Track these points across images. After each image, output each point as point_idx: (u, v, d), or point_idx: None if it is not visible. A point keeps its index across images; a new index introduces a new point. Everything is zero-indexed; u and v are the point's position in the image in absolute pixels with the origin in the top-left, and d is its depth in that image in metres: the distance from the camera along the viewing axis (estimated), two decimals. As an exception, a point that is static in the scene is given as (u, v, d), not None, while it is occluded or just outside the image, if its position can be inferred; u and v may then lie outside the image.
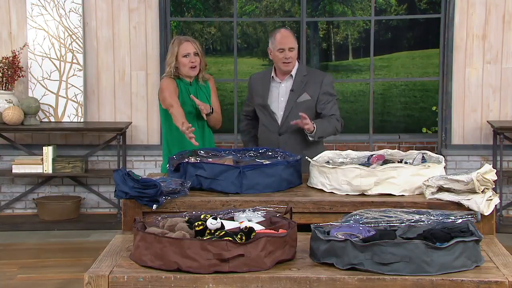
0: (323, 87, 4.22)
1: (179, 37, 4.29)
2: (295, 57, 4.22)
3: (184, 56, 4.23)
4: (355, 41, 9.85)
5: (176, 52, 4.23)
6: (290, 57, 4.17)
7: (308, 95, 4.21)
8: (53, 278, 4.93)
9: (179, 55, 4.23)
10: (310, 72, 4.33)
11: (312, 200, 3.29)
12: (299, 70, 4.26)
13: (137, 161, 6.47)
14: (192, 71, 4.25)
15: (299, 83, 4.23)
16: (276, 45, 4.19)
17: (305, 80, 4.23)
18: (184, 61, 4.23)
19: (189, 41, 4.25)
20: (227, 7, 9.12)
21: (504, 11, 6.32)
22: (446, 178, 3.22)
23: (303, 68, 4.31)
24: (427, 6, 9.29)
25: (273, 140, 4.24)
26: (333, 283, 2.43)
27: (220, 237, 2.51)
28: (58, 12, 6.28)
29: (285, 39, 4.17)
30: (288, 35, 4.19)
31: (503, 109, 6.39)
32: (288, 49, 4.16)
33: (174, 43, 4.27)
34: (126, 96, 6.44)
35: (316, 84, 4.21)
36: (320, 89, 4.21)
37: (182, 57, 4.23)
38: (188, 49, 4.23)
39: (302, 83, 4.22)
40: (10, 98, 6.15)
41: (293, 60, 4.21)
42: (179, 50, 4.22)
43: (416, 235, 2.59)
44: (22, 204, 6.49)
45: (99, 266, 2.56)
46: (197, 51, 4.25)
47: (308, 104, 4.21)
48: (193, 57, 4.23)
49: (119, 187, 3.23)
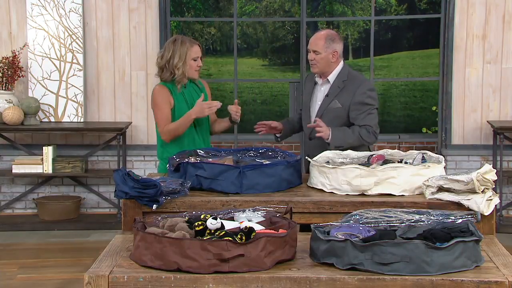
0: (356, 96, 4.03)
1: (183, 39, 4.11)
2: (322, 61, 4.06)
3: (193, 59, 4.09)
4: (355, 41, 9.85)
5: (186, 54, 4.06)
6: (314, 59, 4.06)
7: (339, 103, 4.07)
8: (53, 278, 4.93)
9: (188, 58, 4.07)
10: (351, 77, 4.11)
11: (312, 200, 3.29)
12: (339, 75, 4.10)
13: (137, 161, 6.47)
14: (196, 74, 4.15)
15: (335, 88, 4.08)
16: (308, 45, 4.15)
17: (342, 86, 4.07)
18: (192, 64, 4.09)
19: (197, 43, 4.12)
20: (227, 7, 9.12)
21: (504, 11, 6.32)
22: (446, 178, 3.22)
23: (344, 72, 4.12)
24: (427, 6, 9.29)
25: (305, 144, 4.17)
26: (333, 283, 2.43)
27: (220, 237, 2.51)
28: (58, 12, 6.29)
29: (312, 40, 4.09)
30: (317, 37, 4.07)
31: (503, 109, 6.39)
32: (313, 51, 4.06)
33: (182, 44, 4.08)
34: (126, 96, 6.44)
35: (349, 92, 4.04)
36: (353, 98, 4.03)
37: (191, 59, 4.08)
38: (198, 53, 4.09)
39: (338, 88, 4.07)
40: (10, 98, 6.15)
41: (318, 63, 4.06)
42: (190, 52, 4.06)
43: (416, 235, 2.59)
44: (22, 204, 6.50)
45: (99, 266, 2.56)
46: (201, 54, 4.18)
47: (338, 112, 4.07)
48: (200, 61, 4.12)
49: (119, 187, 3.23)
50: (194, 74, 4.14)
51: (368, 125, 4.01)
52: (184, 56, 4.06)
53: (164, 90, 4.12)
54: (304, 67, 6.58)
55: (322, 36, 4.06)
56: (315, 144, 4.10)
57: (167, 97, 4.11)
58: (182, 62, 4.06)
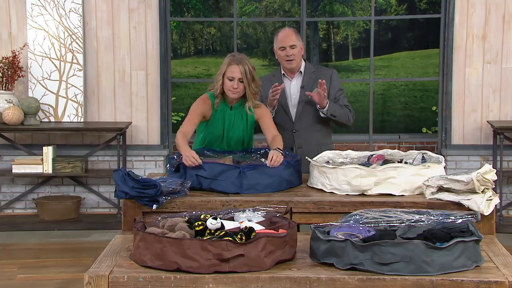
0: (332, 82, 4.26)
1: (233, 56, 4.00)
2: (299, 54, 4.23)
3: (228, 79, 3.95)
4: (355, 41, 9.85)
5: (224, 71, 3.95)
6: (292, 54, 4.19)
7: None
8: (53, 278, 4.93)
9: (225, 75, 3.95)
10: (318, 68, 4.43)
11: (312, 200, 3.29)
12: (307, 67, 4.32)
13: (137, 161, 6.47)
14: (232, 95, 3.98)
15: (308, 79, 4.26)
16: (278, 44, 4.22)
17: (314, 76, 4.25)
18: (227, 83, 3.95)
19: (239, 64, 3.91)
20: (227, 7, 9.12)
21: (504, 11, 6.32)
22: (446, 178, 3.22)
23: (310, 65, 4.38)
24: (427, 6, 9.29)
25: (288, 137, 4.17)
26: (333, 283, 2.43)
27: (220, 237, 2.51)
28: (58, 12, 6.28)
29: (286, 37, 4.20)
30: (289, 33, 4.22)
31: (503, 109, 6.39)
32: (289, 46, 4.18)
33: (226, 60, 3.99)
34: (126, 96, 6.44)
35: (326, 80, 4.14)
36: (330, 84, 4.23)
37: (227, 78, 3.95)
38: (234, 73, 3.91)
39: (311, 79, 4.25)
40: (10, 98, 6.15)
41: (296, 57, 4.21)
42: (226, 70, 3.94)
43: (416, 235, 2.60)
44: (22, 204, 6.49)
45: (99, 266, 2.56)
46: (243, 77, 3.92)
47: None
48: (237, 83, 3.91)
49: (119, 187, 3.24)
50: (228, 94, 3.98)
51: (348, 106, 4.26)
52: (223, 72, 3.95)
53: (206, 103, 4.02)
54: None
55: (292, 32, 4.24)
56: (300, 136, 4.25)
57: (204, 109, 4.00)
58: (221, 78, 3.96)
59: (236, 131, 4.03)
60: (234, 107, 4.03)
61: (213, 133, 4.04)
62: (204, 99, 4.04)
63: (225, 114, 4.03)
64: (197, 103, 4.04)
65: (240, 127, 4.04)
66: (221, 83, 3.95)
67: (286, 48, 4.19)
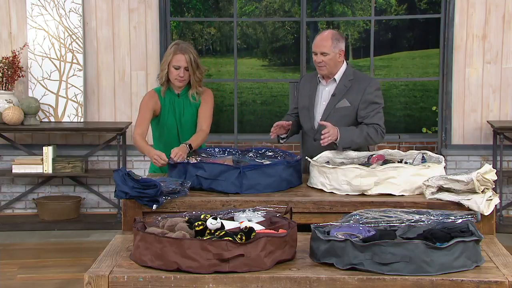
0: (365, 95, 3.97)
1: (177, 45, 4.07)
2: (331, 62, 3.98)
3: (174, 68, 4.04)
4: (355, 41, 9.85)
5: (169, 60, 4.04)
6: (322, 61, 3.96)
7: (347, 101, 3.99)
8: (53, 278, 4.93)
9: (170, 64, 4.04)
10: (357, 76, 4.06)
11: (312, 200, 3.29)
12: (345, 74, 4.04)
13: (137, 161, 6.47)
14: (178, 83, 4.08)
15: (342, 87, 4.01)
16: (313, 47, 4.04)
17: (349, 85, 4.01)
18: (173, 72, 4.05)
19: (184, 53, 4.01)
20: (227, 8, 9.12)
21: (504, 11, 6.32)
22: (446, 178, 3.22)
23: (349, 71, 4.06)
24: (427, 6, 9.29)
25: (309, 145, 4.07)
26: (333, 283, 2.44)
27: (220, 237, 2.51)
28: (58, 12, 6.29)
29: (319, 42, 3.99)
30: (324, 39, 3.99)
31: (503, 109, 6.39)
32: (320, 53, 3.97)
33: (170, 50, 4.06)
34: (126, 96, 6.44)
35: (359, 91, 3.97)
36: (362, 97, 3.97)
37: (172, 67, 4.04)
38: (180, 62, 4.01)
39: (345, 88, 4.01)
40: (10, 98, 6.15)
41: (326, 64, 3.98)
42: (172, 59, 4.03)
43: (416, 235, 2.60)
44: (22, 204, 6.50)
45: (99, 266, 2.56)
46: (188, 66, 4.02)
47: (347, 111, 3.99)
48: (183, 71, 4.03)
49: (119, 187, 3.24)
50: (174, 82, 4.08)
51: (377, 124, 3.94)
52: (168, 61, 4.05)
53: (152, 97, 4.15)
54: (304, 67, 6.58)
55: (328, 37, 3.98)
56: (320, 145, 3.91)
57: (152, 103, 4.11)
58: (166, 67, 4.06)
59: (188, 118, 4.14)
60: (181, 94, 4.15)
61: (167, 124, 4.13)
62: (149, 94, 4.19)
63: (174, 102, 4.15)
64: (144, 100, 4.17)
65: (190, 113, 4.14)
66: (166, 72, 4.06)
67: (317, 54, 3.98)
